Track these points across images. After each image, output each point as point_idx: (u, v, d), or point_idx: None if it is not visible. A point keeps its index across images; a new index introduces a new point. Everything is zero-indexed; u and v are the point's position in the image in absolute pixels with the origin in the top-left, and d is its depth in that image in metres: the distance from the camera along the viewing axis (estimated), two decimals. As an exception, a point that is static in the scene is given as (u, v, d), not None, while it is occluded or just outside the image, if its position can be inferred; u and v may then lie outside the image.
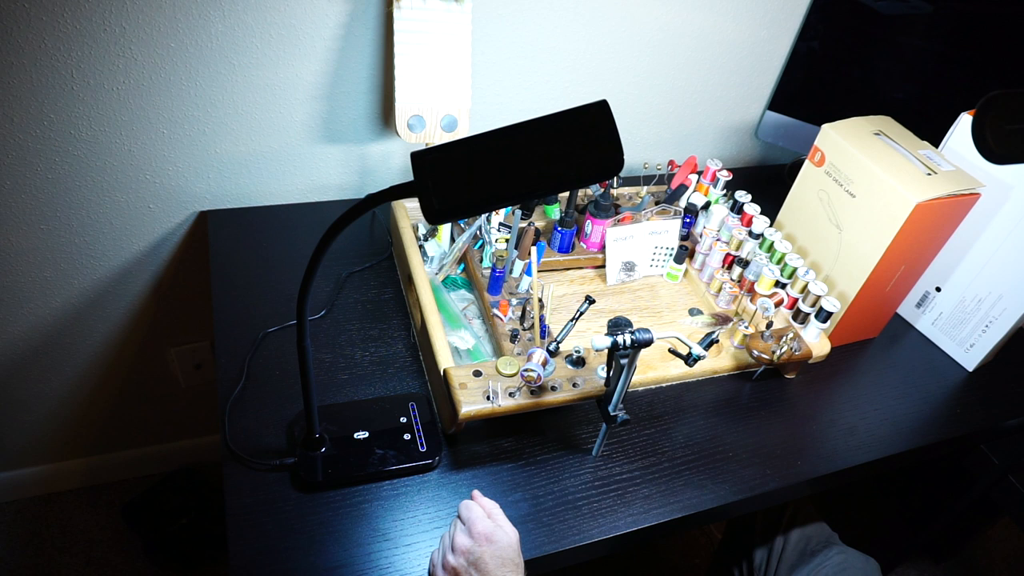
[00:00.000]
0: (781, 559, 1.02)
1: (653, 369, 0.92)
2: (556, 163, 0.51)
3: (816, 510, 1.09)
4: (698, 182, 1.14)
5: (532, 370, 0.78)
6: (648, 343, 0.72)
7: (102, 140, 0.99)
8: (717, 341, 0.91)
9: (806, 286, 0.96)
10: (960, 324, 1.08)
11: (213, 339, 1.04)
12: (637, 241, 1.06)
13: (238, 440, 0.79)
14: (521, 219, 1.07)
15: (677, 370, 0.93)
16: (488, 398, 0.78)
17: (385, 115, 1.12)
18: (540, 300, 0.94)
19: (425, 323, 0.87)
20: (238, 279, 0.99)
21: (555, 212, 1.12)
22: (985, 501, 1.23)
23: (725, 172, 1.12)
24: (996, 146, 0.52)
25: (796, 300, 0.98)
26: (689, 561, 1.56)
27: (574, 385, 0.82)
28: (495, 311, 0.94)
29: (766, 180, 1.40)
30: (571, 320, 0.87)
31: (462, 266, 1.04)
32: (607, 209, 1.06)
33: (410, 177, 0.53)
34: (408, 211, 1.05)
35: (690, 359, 0.84)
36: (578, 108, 0.51)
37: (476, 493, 0.73)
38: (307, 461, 0.76)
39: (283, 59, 1.01)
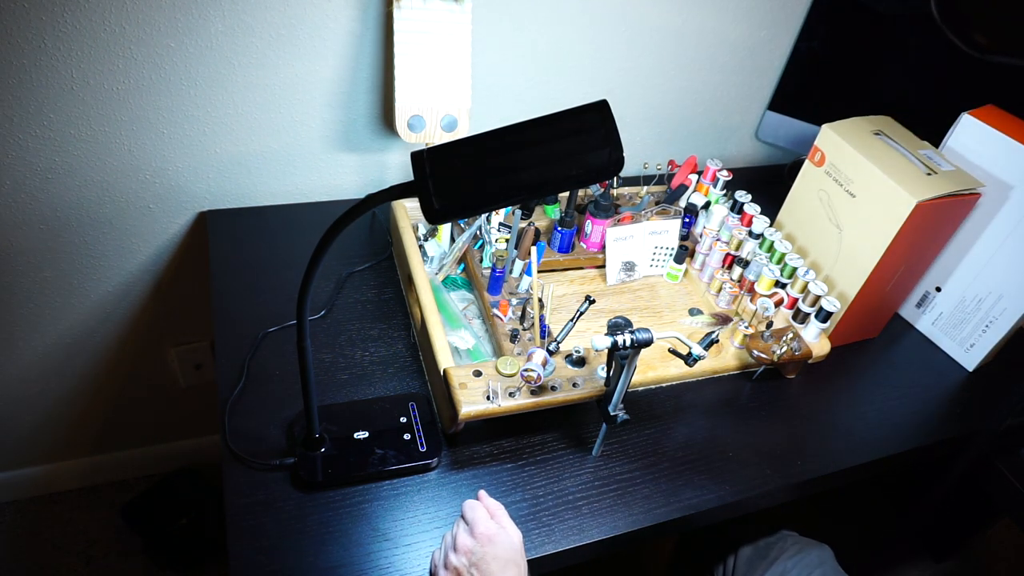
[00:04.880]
0: (736, 564, 1.01)
1: (653, 369, 0.92)
2: (556, 163, 0.51)
3: (779, 519, 1.08)
4: (698, 182, 1.14)
5: (532, 370, 0.78)
6: (648, 343, 0.72)
7: (102, 140, 0.99)
8: (717, 341, 0.91)
9: (806, 286, 0.96)
10: (960, 324, 1.08)
11: (213, 339, 1.04)
12: (637, 241, 1.06)
13: (238, 440, 0.79)
14: (521, 219, 1.07)
15: (677, 370, 0.93)
16: (488, 398, 0.78)
17: (385, 115, 1.12)
18: (540, 300, 0.94)
19: (425, 323, 0.87)
20: (238, 279, 0.99)
21: (555, 212, 1.12)
22: (985, 501, 1.23)
23: (725, 172, 1.12)
24: (992, 31, 0.48)
25: (796, 300, 0.98)
26: (689, 561, 1.55)
27: (574, 385, 0.82)
28: (495, 311, 0.94)
29: (766, 180, 1.40)
30: (571, 320, 0.87)
31: (462, 266, 1.04)
32: (607, 209, 1.06)
33: (410, 177, 0.53)
34: (408, 211, 1.05)
35: (690, 359, 0.84)
36: (578, 108, 0.51)
37: (482, 494, 0.73)
38: (307, 461, 0.76)
39: (283, 59, 1.01)
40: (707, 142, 1.42)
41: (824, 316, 0.94)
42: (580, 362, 0.85)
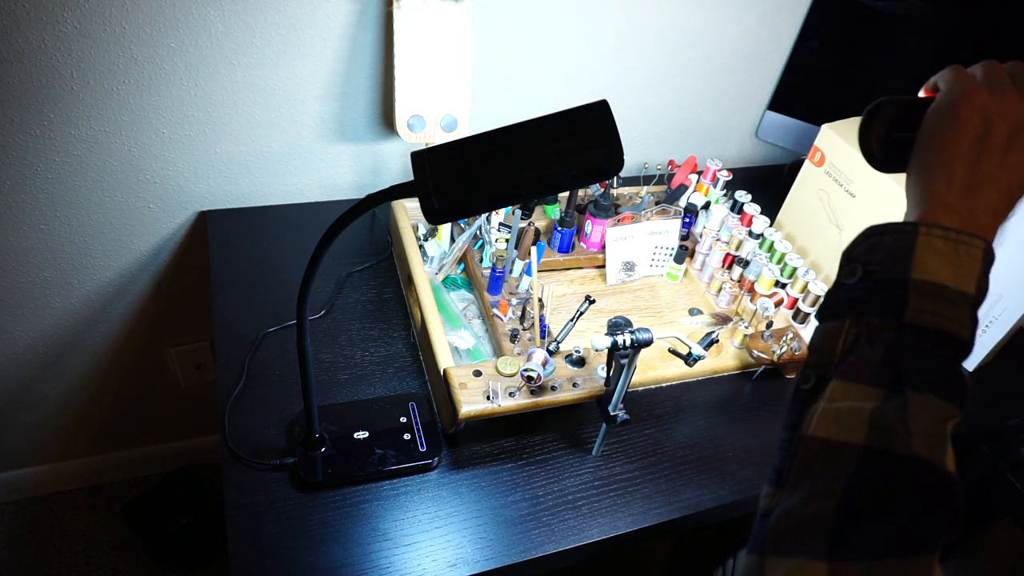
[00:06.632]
0: (736, 565, 1.01)
1: (653, 369, 0.92)
2: (556, 163, 0.51)
3: None
4: (698, 182, 1.14)
5: (532, 370, 0.78)
6: (648, 343, 0.72)
7: (102, 140, 0.99)
8: (717, 341, 0.91)
9: (806, 286, 0.96)
10: (960, 324, 1.08)
11: (213, 339, 1.04)
12: (637, 241, 1.06)
13: (238, 440, 0.79)
14: (521, 219, 1.07)
15: (677, 370, 0.93)
16: (488, 398, 0.78)
17: (385, 115, 1.12)
18: (540, 300, 0.94)
19: (425, 323, 0.87)
20: (238, 279, 0.99)
21: (555, 212, 1.12)
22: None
23: (725, 172, 1.12)
24: (882, 153, 0.53)
25: (796, 300, 0.98)
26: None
27: (574, 385, 0.82)
28: (495, 311, 0.94)
29: (766, 180, 1.40)
30: (571, 320, 0.87)
31: (462, 266, 1.04)
32: (607, 209, 1.06)
33: (410, 177, 0.53)
34: (408, 211, 1.05)
35: (690, 359, 0.84)
36: (578, 108, 0.51)
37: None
38: (307, 461, 0.76)
39: (283, 59, 1.01)
40: (707, 142, 1.42)
41: (824, 316, 0.94)
42: (580, 362, 0.85)
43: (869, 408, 0.43)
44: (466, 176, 0.51)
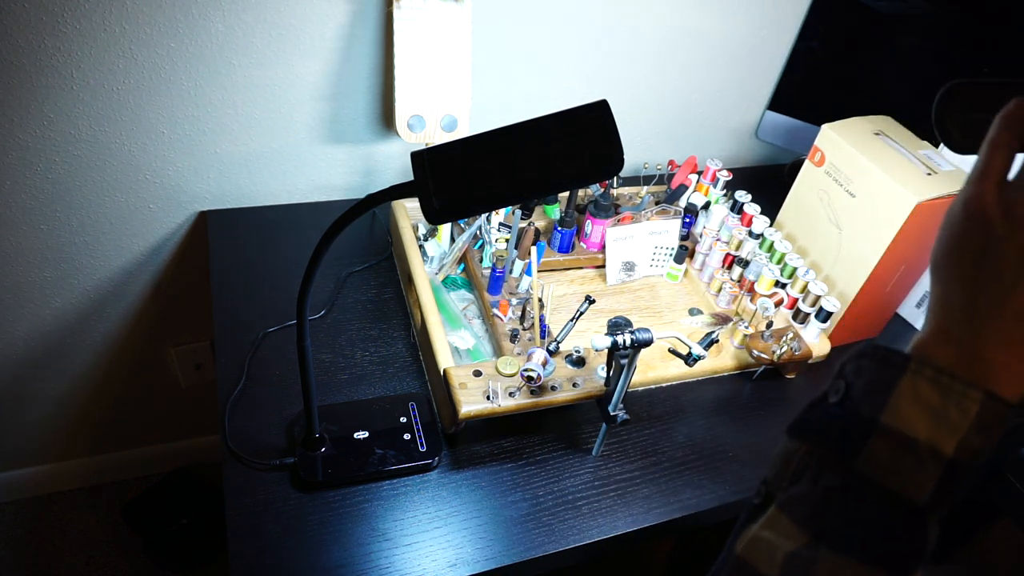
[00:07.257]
0: None
1: (653, 369, 0.92)
2: (556, 163, 0.51)
3: None
4: (698, 182, 1.14)
5: (532, 370, 0.78)
6: (648, 343, 0.73)
7: (102, 140, 0.99)
8: (717, 341, 0.91)
9: (806, 286, 0.96)
10: (960, 324, 1.08)
11: (213, 339, 1.04)
12: (637, 241, 1.06)
13: (238, 440, 0.79)
14: (521, 219, 1.07)
15: (677, 370, 0.93)
16: (488, 398, 0.78)
17: (385, 115, 1.12)
18: (540, 300, 0.94)
19: (425, 323, 0.87)
20: (238, 279, 0.99)
21: (555, 212, 1.12)
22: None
23: (725, 172, 1.12)
24: (961, 136, 0.53)
25: (796, 300, 0.98)
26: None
27: (574, 385, 0.82)
28: (495, 311, 0.94)
29: (766, 180, 1.40)
30: (571, 320, 0.87)
31: (462, 266, 1.04)
32: (607, 209, 1.06)
33: (410, 177, 0.53)
34: (408, 211, 1.05)
35: (690, 359, 0.84)
36: (578, 108, 0.51)
37: None
38: (307, 461, 0.76)
39: (283, 59, 1.01)
40: (707, 142, 1.42)
41: (824, 316, 0.94)
42: (580, 362, 0.85)
43: (788, 550, 0.40)
44: (466, 176, 0.51)
